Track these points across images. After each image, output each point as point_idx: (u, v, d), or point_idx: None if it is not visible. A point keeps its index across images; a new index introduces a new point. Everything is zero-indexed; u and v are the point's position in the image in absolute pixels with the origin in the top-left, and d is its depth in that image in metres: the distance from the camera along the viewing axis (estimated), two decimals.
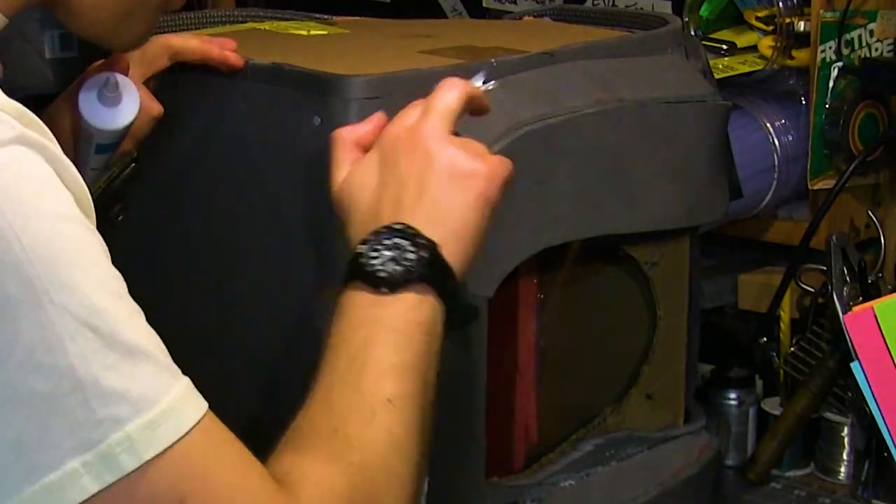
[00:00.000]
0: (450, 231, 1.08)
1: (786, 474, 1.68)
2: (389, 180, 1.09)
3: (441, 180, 1.08)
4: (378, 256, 1.05)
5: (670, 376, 1.48)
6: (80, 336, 0.85)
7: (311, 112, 1.20)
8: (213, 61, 1.27)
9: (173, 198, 1.35)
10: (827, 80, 1.68)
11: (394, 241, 1.05)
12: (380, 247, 1.05)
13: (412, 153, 1.09)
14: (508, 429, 1.40)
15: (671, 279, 1.46)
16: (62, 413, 0.85)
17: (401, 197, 1.08)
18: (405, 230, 1.06)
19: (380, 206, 1.09)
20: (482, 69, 1.25)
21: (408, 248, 1.05)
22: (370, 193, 1.10)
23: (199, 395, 0.92)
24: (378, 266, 1.05)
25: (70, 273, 0.86)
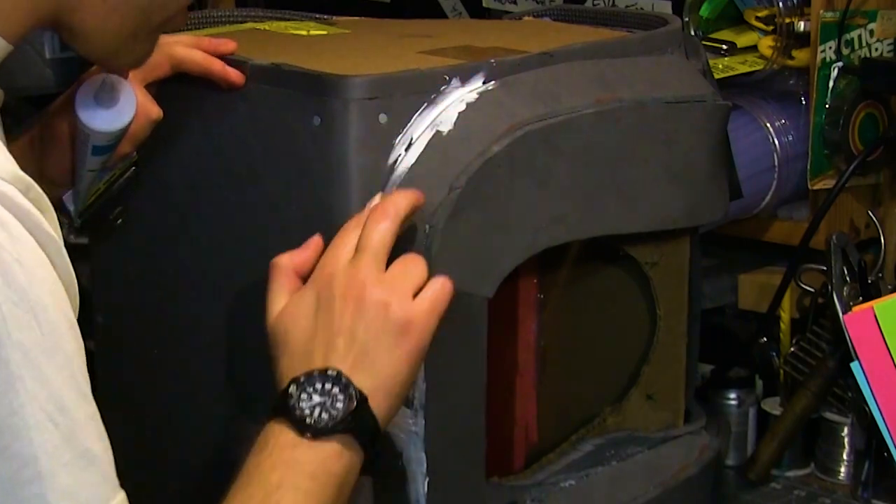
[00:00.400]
0: (379, 383, 1.09)
1: (786, 474, 1.68)
2: (322, 325, 1.10)
3: (372, 331, 1.09)
4: (308, 399, 1.06)
5: (670, 376, 1.48)
6: (45, 429, 0.86)
7: (311, 112, 1.20)
8: (213, 76, 1.28)
9: (173, 198, 1.35)
10: (827, 80, 1.68)
11: (325, 386, 1.06)
12: (310, 389, 1.06)
13: (346, 299, 1.10)
14: (508, 429, 1.40)
15: (671, 279, 1.46)
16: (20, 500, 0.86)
17: (333, 344, 1.09)
18: (338, 377, 1.07)
19: (312, 349, 1.10)
20: (481, 70, 1.25)
21: (338, 396, 1.06)
22: (304, 333, 1.11)
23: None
24: (306, 411, 1.05)
25: (45, 364, 0.86)
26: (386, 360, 1.09)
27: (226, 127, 1.28)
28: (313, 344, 1.10)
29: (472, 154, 1.22)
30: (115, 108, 1.23)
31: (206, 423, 1.35)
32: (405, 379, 1.11)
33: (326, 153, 1.20)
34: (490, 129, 1.23)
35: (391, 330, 1.09)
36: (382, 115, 1.20)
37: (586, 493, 1.39)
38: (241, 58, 1.28)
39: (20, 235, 0.88)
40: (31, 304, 0.87)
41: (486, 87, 1.25)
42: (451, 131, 1.22)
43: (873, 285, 1.64)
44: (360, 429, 1.07)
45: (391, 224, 1.13)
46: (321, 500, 1.05)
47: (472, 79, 1.25)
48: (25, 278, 0.87)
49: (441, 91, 1.23)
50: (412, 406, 1.22)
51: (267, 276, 1.26)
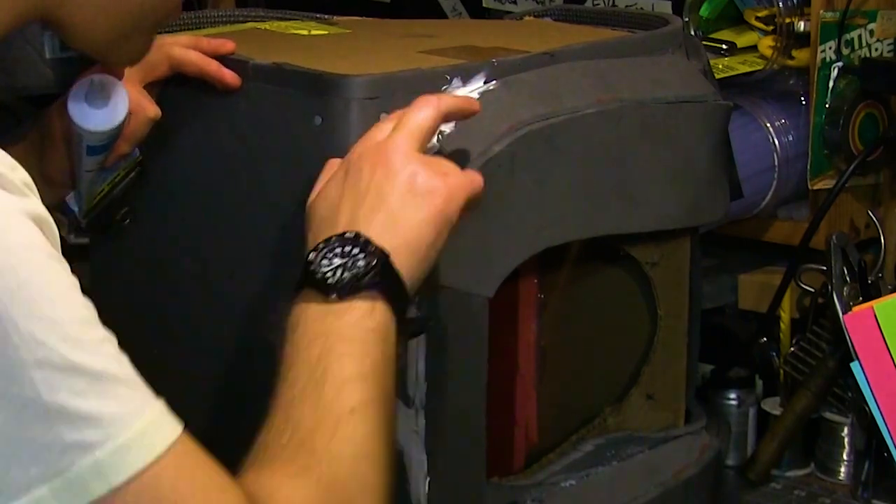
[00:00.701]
0: (403, 242, 1.08)
1: (786, 474, 1.68)
2: (349, 192, 1.10)
3: (399, 193, 1.09)
4: (328, 264, 1.05)
5: (671, 376, 1.48)
6: (46, 364, 0.85)
7: (312, 112, 1.20)
8: (210, 77, 1.28)
9: (175, 197, 1.35)
10: (827, 80, 1.68)
11: (344, 248, 1.06)
12: (330, 254, 1.06)
13: (374, 167, 1.10)
14: (509, 429, 1.40)
15: (671, 279, 1.46)
16: (27, 441, 0.85)
17: (357, 207, 1.09)
18: (356, 238, 1.06)
19: (336, 216, 1.10)
20: (482, 70, 1.25)
21: (358, 255, 1.06)
22: (331, 202, 1.11)
23: (173, 417, 0.91)
24: (328, 273, 1.05)
25: (37, 302, 0.85)
26: (411, 220, 1.09)
27: (227, 126, 1.29)
28: (339, 209, 1.10)
29: (472, 154, 1.22)
30: (107, 107, 1.23)
31: (207, 422, 1.35)
32: (431, 241, 1.10)
33: (328, 153, 1.20)
34: (491, 129, 1.23)
35: (418, 192, 1.09)
36: (383, 115, 1.20)
37: (587, 493, 1.39)
38: (242, 57, 1.28)
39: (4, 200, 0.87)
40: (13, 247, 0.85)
41: (487, 86, 1.26)
42: (451, 131, 1.22)
43: (873, 285, 1.64)
44: (385, 284, 1.06)
45: (432, 111, 1.13)
46: (365, 359, 1.04)
47: (473, 78, 1.25)
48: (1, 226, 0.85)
49: (442, 91, 1.23)
50: (412, 406, 1.22)
51: (267, 275, 1.26)
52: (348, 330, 1.04)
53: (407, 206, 1.09)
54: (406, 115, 1.13)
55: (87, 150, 1.26)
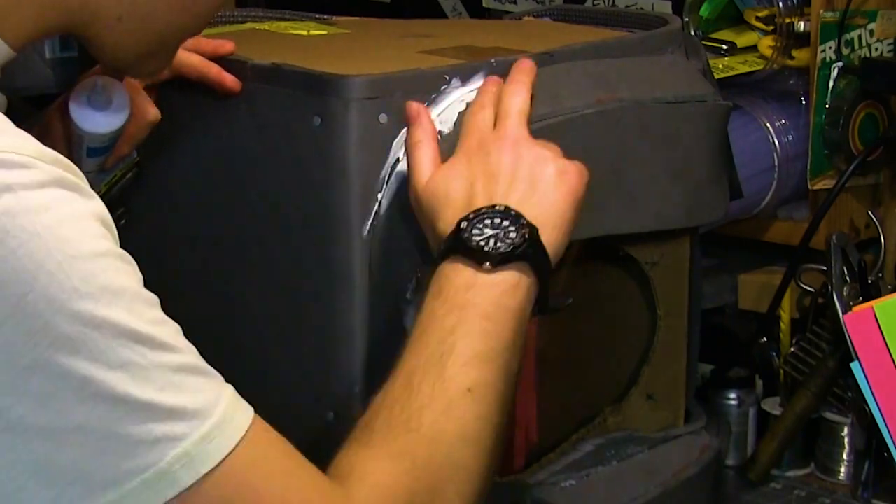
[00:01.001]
0: (546, 216, 1.10)
1: (786, 474, 1.68)
2: (480, 174, 1.12)
3: (534, 171, 1.12)
4: (480, 233, 1.07)
5: (671, 376, 1.48)
6: (131, 364, 0.87)
7: (312, 112, 1.20)
8: (210, 81, 1.27)
9: (173, 198, 1.35)
10: (827, 80, 1.68)
11: (494, 220, 1.08)
12: (482, 224, 1.08)
13: (502, 149, 1.13)
14: (509, 429, 1.39)
15: (671, 279, 1.46)
16: (118, 437, 0.87)
17: (494, 185, 1.11)
18: (507, 211, 1.08)
19: (472, 194, 1.11)
20: (481, 70, 1.25)
21: (509, 228, 1.07)
22: (462, 185, 1.12)
23: (244, 401, 0.94)
24: (481, 242, 1.07)
25: (116, 306, 0.88)
26: (550, 195, 1.11)
27: (226, 127, 1.29)
28: (474, 189, 1.11)
29: None
30: (108, 110, 1.23)
31: None
32: (570, 217, 1.12)
33: (326, 153, 1.21)
34: None
35: (551, 170, 1.12)
36: (383, 115, 1.20)
37: (586, 492, 1.38)
38: (242, 58, 1.28)
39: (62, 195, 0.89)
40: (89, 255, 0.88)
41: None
42: (451, 131, 1.22)
43: (873, 285, 1.63)
44: (535, 258, 1.08)
45: (525, 94, 1.18)
46: (497, 339, 1.06)
47: (472, 79, 1.25)
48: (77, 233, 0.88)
49: (441, 91, 1.23)
50: None
51: (267, 276, 1.26)
52: (487, 306, 1.06)
53: (545, 184, 1.11)
54: (506, 103, 1.16)
55: (88, 152, 1.26)
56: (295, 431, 1.25)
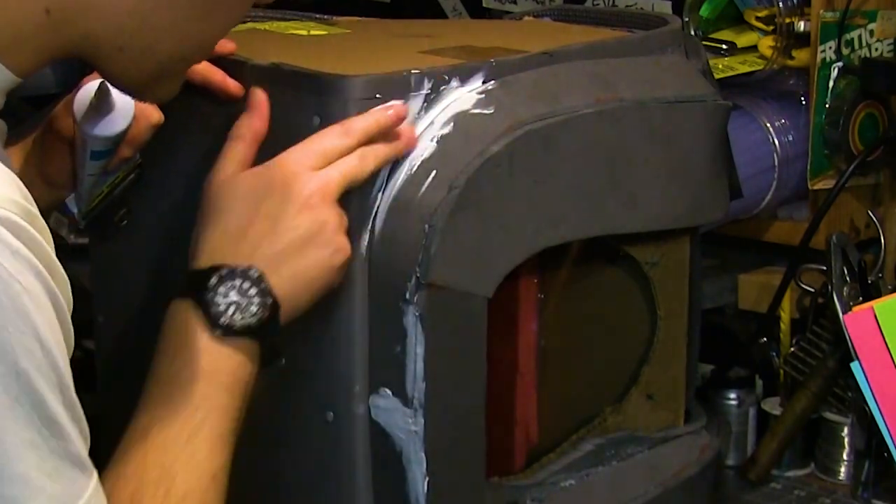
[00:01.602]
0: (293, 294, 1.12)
1: (786, 474, 1.68)
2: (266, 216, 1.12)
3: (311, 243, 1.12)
4: (224, 295, 1.08)
5: (671, 376, 1.48)
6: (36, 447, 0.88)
7: (311, 112, 1.20)
8: (213, 86, 1.27)
9: (173, 199, 1.35)
10: (827, 80, 1.68)
11: (243, 286, 1.08)
12: (230, 286, 1.08)
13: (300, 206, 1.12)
14: (508, 429, 1.40)
15: (671, 279, 1.46)
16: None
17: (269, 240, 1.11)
18: (258, 281, 1.09)
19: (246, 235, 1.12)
20: (481, 70, 1.25)
21: (254, 299, 1.08)
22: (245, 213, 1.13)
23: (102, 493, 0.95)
24: (221, 307, 1.08)
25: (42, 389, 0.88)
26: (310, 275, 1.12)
27: (226, 127, 1.28)
28: (251, 231, 1.12)
29: (471, 154, 1.22)
30: (112, 113, 1.23)
31: None
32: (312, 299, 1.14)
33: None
34: (490, 129, 1.23)
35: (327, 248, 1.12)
36: None
37: (586, 492, 1.39)
38: (241, 58, 1.28)
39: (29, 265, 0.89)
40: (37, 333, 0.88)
41: (485, 86, 1.25)
42: (450, 131, 1.22)
43: (873, 285, 1.64)
44: (266, 338, 1.10)
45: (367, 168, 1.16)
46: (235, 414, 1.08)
47: (471, 79, 1.25)
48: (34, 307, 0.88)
49: (441, 91, 1.23)
50: (412, 405, 1.22)
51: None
52: (226, 377, 1.08)
53: (313, 259, 1.12)
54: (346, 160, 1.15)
55: (91, 155, 1.27)
56: (295, 431, 1.26)
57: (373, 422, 1.23)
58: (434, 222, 1.19)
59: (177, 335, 1.09)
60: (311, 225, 1.12)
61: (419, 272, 1.19)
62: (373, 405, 1.23)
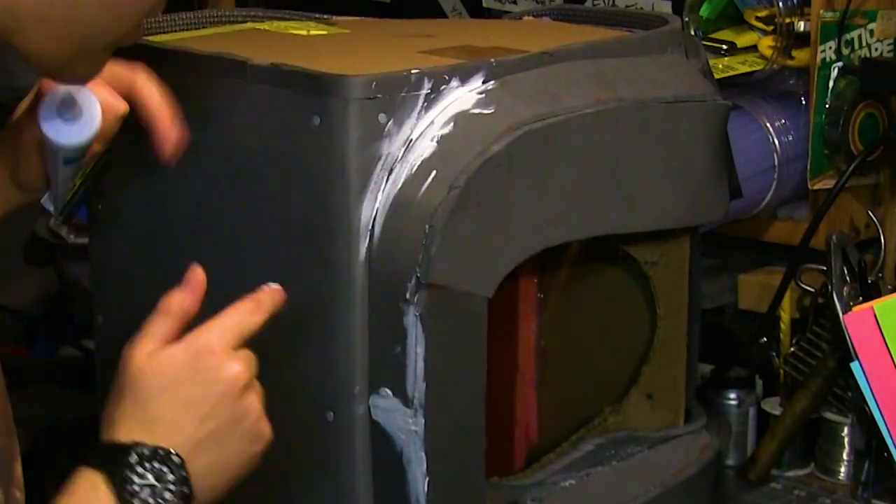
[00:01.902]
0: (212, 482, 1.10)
1: (786, 474, 1.68)
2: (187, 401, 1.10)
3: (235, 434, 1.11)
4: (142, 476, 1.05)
5: (671, 376, 1.48)
6: None
7: (311, 112, 1.20)
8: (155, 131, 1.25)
9: (174, 198, 1.35)
10: (827, 80, 1.68)
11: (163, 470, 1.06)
12: (149, 466, 1.06)
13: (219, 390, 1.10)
14: (508, 429, 1.40)
15: (671, 279, 1.46)
16: None
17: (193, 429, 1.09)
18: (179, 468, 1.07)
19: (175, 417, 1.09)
20: (481, 70, 1.25)
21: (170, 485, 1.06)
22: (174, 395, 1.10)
23: None
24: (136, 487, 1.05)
25: None
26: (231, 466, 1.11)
27: (226, 127, 1.28)
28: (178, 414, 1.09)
29: (471, 154, 1.22)
30: (80, 121, 1.21)
31: None
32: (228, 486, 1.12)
33: (326, 152, 1.21)
34: (490, 129, 1.23)
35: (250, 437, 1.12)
36: (382, 115, 1.20)
37: (586, 492, 1.39)
38: (241, 58, 1.28)
39: None
40: None
41: (485, 86, 1.25)
42: (450, 131, 1.22)
43: (873, 285, 1.64)
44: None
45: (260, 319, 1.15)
46: None
47: (471, 78, 1.25)
48: None
49: (441, 91, 1.23)
50: (412, 405, 1.22)
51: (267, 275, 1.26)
52: None
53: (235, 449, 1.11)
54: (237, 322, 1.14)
55: (64, 162, 1.25)
56: (295, 431, 1.26)
57: (373, 422, 1.23)
58: (434, 222, 1.19)
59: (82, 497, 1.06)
60: (232, 413, 1.11)
61: (419, 272, 1.19)
62: (373, 405, 1.23)
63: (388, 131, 1.21)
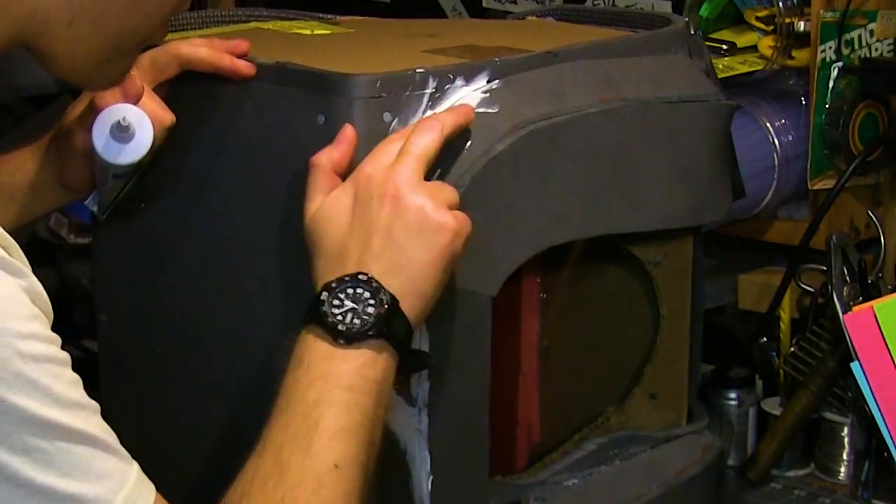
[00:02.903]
0: (411, 284, 1.10)
1: (786, 474, 1.68)
2: (358, 222, 1.11)
3: (409, 231, 1.11)
4: (339, 306, 1.08)
5: (673, 376, 1.48)
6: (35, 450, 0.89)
7: (316, 111, 1.20)
8: (223, 70, 1.26)
9: (178, 196, 1.35)
10: (827, 80, 1.68)
11: (356, 291, 1.08)
12: (342, 296, 1.08)
13: (384, 198, 1.11)
14: (511, 428, 1.40)
15: (674, 279, 1.46)
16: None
17: (368, 242, 1.10)
18: (368, 282, 1.08)
19: (347, 248, 1.11)
20: (485, 69, 1.25)
21: (369, 301, 1.08)
22: (339, 231, 1.12)
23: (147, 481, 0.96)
24: (338, 317, 1.08)
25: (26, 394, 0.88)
26: (421, 260, 1.11)
27: (231, 125, 1.28)
28: (348, 243, 1.11)
29: (476, 153, 1.22)
30: (132, 141, 1.23)
31: (211, 420, 1.35)
32: (437, 283, 1.12)
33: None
34: (494, 128, 1.23)
35: (428, 231, 1.11)
36: (387, 114, 1.20)
37: (589, 492, 1.39)
38: (246, 57, 1.28)
39: None
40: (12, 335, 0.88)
41: (490, 85, 1.25)
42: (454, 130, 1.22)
43: (873, 285, 1.64)
44: (393, 333, 1.09)
45: (436, 135, 1.15)
46: (361, 409, 1.07)
47: (476, 78, 1.25)
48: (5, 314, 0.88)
49: (445, 90, 1.23)
50: (416, 404, 1.22)
51: (273, 273, 1.26)
52: (349, 378, 1.07)
53: (417, 246, 1.11)
54: (411, 140, 1.14)
55: (114, 177, 1.28)
56: None
57: None
58: None
59: (299, 353, 1.09)
60: (402, 215, 1.11)
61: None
62: None
63: (392, 130, 1.21)
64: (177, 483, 1.40)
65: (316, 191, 1.15)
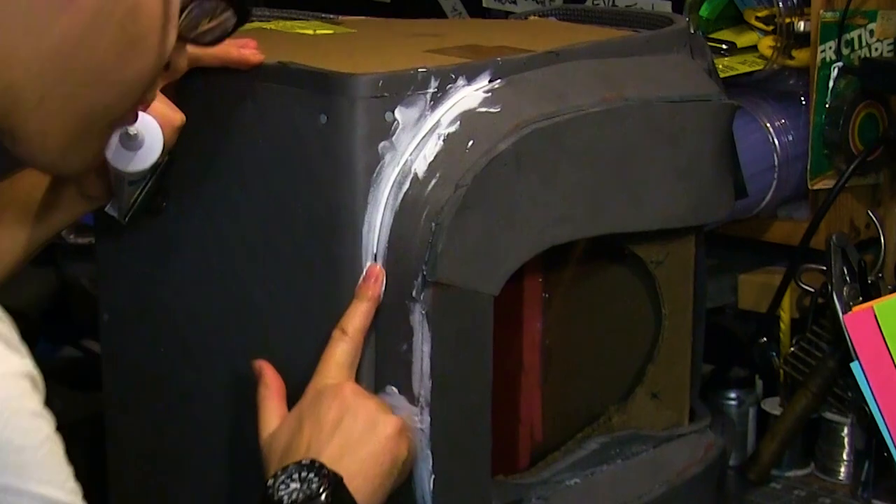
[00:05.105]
0: (358, 466, 1.15)
1: (786, 474, 1.69)
2: (307, 425, 1.17)
3: (355, 421, 1.16)
4: (285, 488, 1.11)
5: (675, 375, 1.48)
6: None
7: (318, 110, 1.20)
8: (232, 62, 1.26)
9: (180, 196, 1.35)
10: (827, 80, 1.69)
11: (301, 474, 1.11)
12: (288, 480, 1.11)
13: (332, 400, 1.17)
14: (513, 427, 1.40)
15: (676, 278, 1.46)
16: None
17: (315, 437, 1.16)
18: (312, 464, 1.12)
19: (296, 447, 1.16)
20: (487, 69, 1.26)
21: (312, 479, 1.11)
22: (289, 439, 1.17)
23: None
24: (283, 496, 1.10)
25: None
26: (367, 445, 1.16)
27: (233, 125, 1.28)
28: (296, 445, 1.16)
29: (478, 152, 1.22)
30: (143, 148, 1.23)
31: (214, 418, 1.35)
32: (387, 469, 1.17)
33: (333, 151, 1.21)
34: (496, 128, 1.23)
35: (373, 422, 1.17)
36: (389, 114, 1.20)
37: (591, 491, 1.39)
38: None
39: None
40: None
41: (492, 85, 1.26)
42: (457, 130, 1.22)
43: (873, 285, 1.64)
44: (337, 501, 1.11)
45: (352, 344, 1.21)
46: None
47: (478, 77, 1.25)
48: None
49: (447, 89, 1.23)
50: (418, 403, 1.22)
51: (274, 273, 1.27)
52: None
53: (363, 433, 1.16)
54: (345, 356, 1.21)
55: (129, 183, 1.29)
56: None
57: None
58: (441, 221, 1.19)
59: None
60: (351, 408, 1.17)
61: (426, 270, 1.19)
62: None
63: (394, 130, 1.21)
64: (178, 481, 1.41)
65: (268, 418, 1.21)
